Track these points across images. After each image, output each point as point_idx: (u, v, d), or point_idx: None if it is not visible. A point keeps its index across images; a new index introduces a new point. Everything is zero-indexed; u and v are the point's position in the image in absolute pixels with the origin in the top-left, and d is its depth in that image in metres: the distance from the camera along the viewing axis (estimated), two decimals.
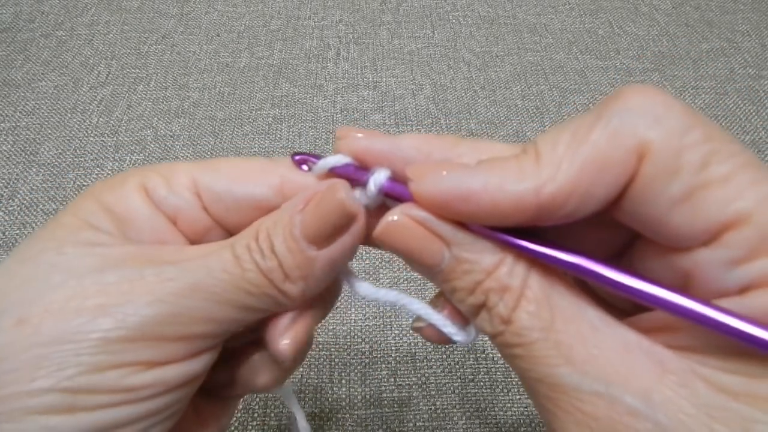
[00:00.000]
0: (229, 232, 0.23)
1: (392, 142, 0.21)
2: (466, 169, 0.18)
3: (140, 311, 0.18)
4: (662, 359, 0.17)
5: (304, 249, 0.20)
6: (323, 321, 0.37)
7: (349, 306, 0.49)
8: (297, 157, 0.23)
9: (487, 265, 0.18)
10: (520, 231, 0.18)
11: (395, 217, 0.19)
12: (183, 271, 0.19)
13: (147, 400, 0.19)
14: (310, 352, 0.36)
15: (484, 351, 0.47)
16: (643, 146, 0.16)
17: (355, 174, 0.21)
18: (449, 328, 0.21)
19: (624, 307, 0.22)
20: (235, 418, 0.43)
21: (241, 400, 0.42)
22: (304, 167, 0.23)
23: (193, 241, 0.23)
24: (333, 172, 0.22)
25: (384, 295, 0.22)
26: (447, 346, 0.47)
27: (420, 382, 0.45)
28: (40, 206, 0.56)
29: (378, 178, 0.21)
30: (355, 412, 0.43)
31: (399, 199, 0.20)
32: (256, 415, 0.43)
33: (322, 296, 0.24)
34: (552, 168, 0.17)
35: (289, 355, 0.22)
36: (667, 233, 0.17)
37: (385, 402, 0.44)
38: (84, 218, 0.21)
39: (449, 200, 0.18)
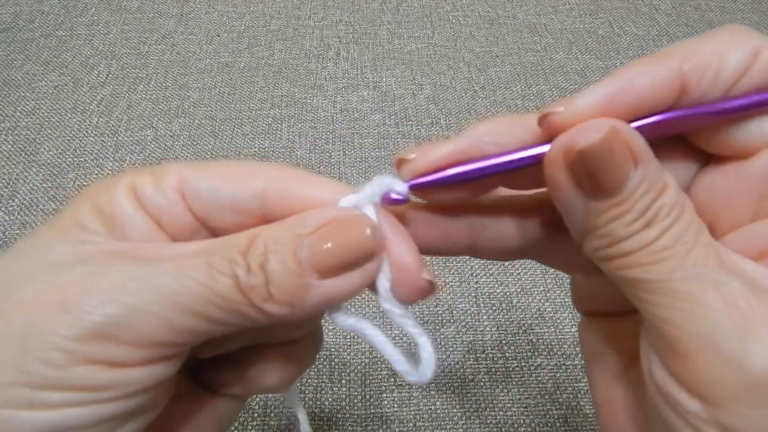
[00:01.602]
0: (215, 234, 0.23)
1: (464, 140, 0.21)
2: (605, 80, 0.19)
3: (97, 309, 0.18)
4: None
5: (305, 275, 0.19)
6: (323, 321, 0.37)
7: (349, 306, 0.49)
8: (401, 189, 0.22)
9: (662, 183, 0.19)
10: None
11: (607, 129, 0.18)
12: (149, 272, 0.19)
13: (109, 402, 0.18)
14: None
15: (484, 351, 0.47)
16: (758, 48, 0.19)
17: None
18: (402, 366, 0.21)
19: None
20: None
21: None
22: (398, 196, 0.22)
23: (178, 240, 0.22)
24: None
25: (347, 322, 0.22)
26: (446, 347, 0.47)
27: None
28: (40, 206, 0.56)
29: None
30: (355, 412, 0.43)
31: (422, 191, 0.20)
32: (256, 415, 0.43)
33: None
34: (688, 52, 0.19)
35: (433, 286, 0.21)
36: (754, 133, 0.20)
37: (385, 402, 0.44)
38: (76, 219, 0.21)
39: (604, 107, 0.19)
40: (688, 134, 0.21)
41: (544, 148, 0.20)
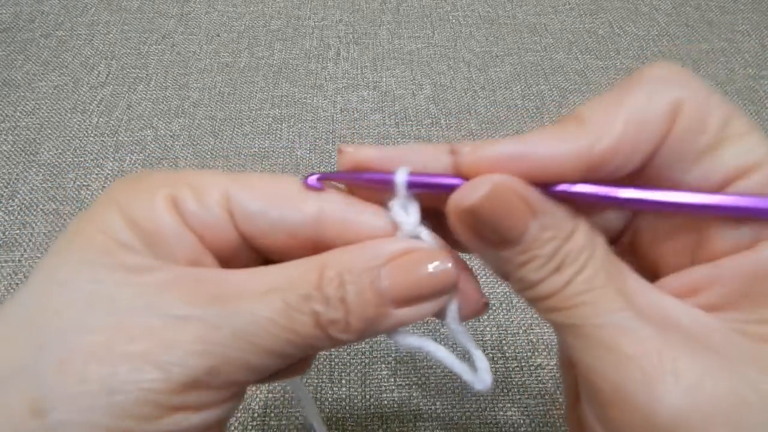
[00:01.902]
0: (258, 252, 0.22)
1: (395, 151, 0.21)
2: (514, 138, 0.19)
3: (186, 362, 0.17)
4: (698, 315, 0.19)
5: (384, 305, 0.19)
6: None
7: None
8: (311, 180, 0.22)
9: (568, 230, 0.19)
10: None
11: (489, 187, 0.18)
12: (227, 317, 0.18)
13: None
14: None
15: (484, 351, 0.47)
16: (677, 104, 0.18)
17: (372, 179, 0.21)
18: (469, 376, 0.22)
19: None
20: (234, 418, 0.43)
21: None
22: (312, 182, 0.22)
23: (220, 258, 0.22)
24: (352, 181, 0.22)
25: (410, 342, 0.22)
26: (446, 346, 0.47)
27: (420, 382, 0.45)
28: (40, 206, 0.56)
29: (402, 175, 0.20)
30: (355, 412, 0.43)
31: (428, 194, 0.20)
32: (256, 415, 0.43)
33: None
34: (598, 128, 0.18)
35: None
36: (689, 184, 0.19)
37: (385, 402, 0.44)
38: (113, 236, 0.19)
39: (504, 163, 0.18)
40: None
41: (456, 181, 0.20)
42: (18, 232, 0.53)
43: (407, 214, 0.21)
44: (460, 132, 0.66)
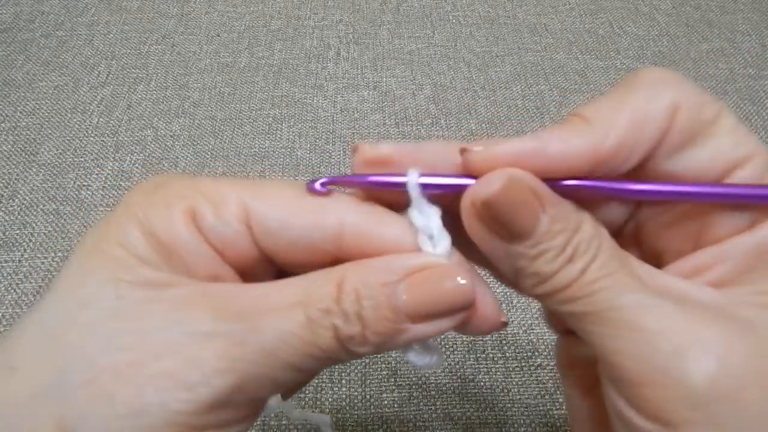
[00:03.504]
0: (277, 265, 0.22)
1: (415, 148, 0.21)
2: (526, 136, 0.20)
3: (212, 381, 0.17)
4: (707, 291, 0.20)
5: (400, 321, 0.19)
6: None
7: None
8: (316, 185, 0.21)
9: (576, 222, 0.20)
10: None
11: (505, 180, 0.19)
12: (251, 332, 0.18)
13: None
14: None
15: (484, 351, 0.47)
16: (675, 105, 0.20)
17: (383, 182, 0.21)
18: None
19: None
20: None
21: None
22: (317, 188, 0.21)
23: (239, 270, 0.22)
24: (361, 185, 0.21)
25: (425, 362, 0.22)
26: (447, 347, 0.47)
27: (420, 382, 0.45)
28: (40, 206, 0.56)
29: (413, 177, 0.20)
30: (355, 412, 0.43)
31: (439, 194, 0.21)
32: None
33: None
34: (604, 127, 0.19)
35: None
36: (688, 178, 0.21)
37: (385, 402, 0.44)
38: (132, 250, 0.19)
39: (517, 160, 0.19)
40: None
41: (466, 181, 0.20)
42: (18, 232, 0.53)
43: (425, 216, 0.21)
44: (460, 132, 0.66)
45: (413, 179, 0.20)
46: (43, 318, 0.19)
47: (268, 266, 0.22)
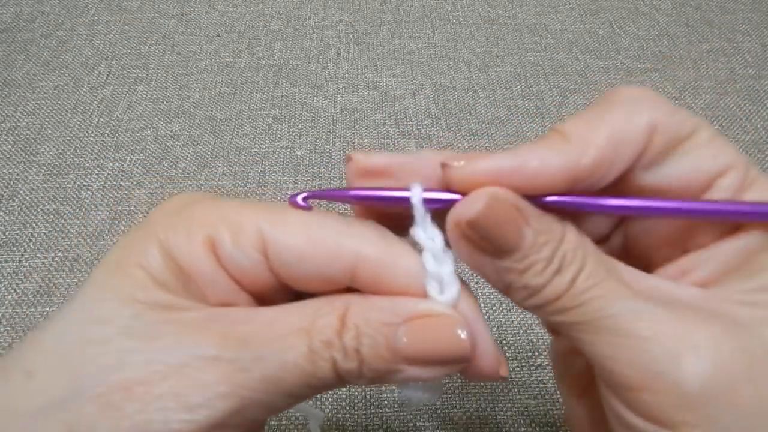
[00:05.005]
0: (293, 291, 0.22)
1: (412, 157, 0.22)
2: (504, 152, 0.20)
3: (213, 403, 0.18)
4: (694, 291, 0.21)
5: (396, 362, 0.20)
6: None
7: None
8: (297, 199, 0.21)
9: (560, 232, 0.20)
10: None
11: (486, 200, 0.19)
12: (256, 360, 0.19)
13: None
14: None
15: None
16: (653, 123, 0.20)
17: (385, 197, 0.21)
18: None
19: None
20: None
21: None
22: (298, 202, 0.21)
23: (254, 295, 0.22)
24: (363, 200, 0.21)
25: (419, 397, 0.22)
26: None
27: None
28: (40, 206, 0.56)
29: (417, 191, 0.20)
30: (355, 412, 0.43)
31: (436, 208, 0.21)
32: None
33: None
34: (583, 143, 0.20)
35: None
36: (670, 191, 0.21)
37: (385, 402, 0.44)
38: (151, 271, 0.20)
39: (496, 177, 0.19)
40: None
41: (449, 195, 0.21)
42: (18, 232, 0.53)
43: (427, 234, 0.21)
44: (460, 132, 0.66)
45: (416, 196, 0.20)
46: (61, 329, 0.19)
47: (285, 291, 0.23)
